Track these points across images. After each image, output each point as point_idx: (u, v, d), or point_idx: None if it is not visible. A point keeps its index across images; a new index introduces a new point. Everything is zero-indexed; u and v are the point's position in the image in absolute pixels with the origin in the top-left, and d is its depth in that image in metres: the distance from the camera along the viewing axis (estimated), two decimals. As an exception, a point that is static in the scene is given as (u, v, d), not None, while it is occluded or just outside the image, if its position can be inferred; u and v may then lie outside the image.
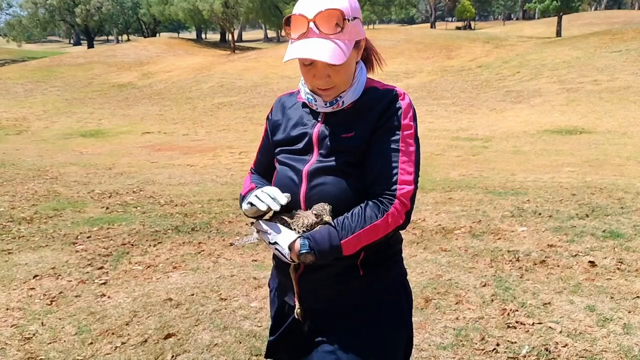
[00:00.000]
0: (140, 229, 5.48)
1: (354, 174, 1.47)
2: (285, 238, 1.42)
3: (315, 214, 1.42)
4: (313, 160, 1.51)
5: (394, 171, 1.43)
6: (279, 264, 1.61)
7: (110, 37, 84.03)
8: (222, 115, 18.71)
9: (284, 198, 1.47)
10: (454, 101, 18.13)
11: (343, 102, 1.50)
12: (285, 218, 1.48)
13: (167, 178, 8.68)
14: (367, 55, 1.60)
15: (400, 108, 1.48)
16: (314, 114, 1.56)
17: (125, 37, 69.79)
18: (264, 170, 1.71)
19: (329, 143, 1.50)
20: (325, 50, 1.39)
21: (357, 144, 1.47)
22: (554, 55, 22.43)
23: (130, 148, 12.78)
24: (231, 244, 1.70)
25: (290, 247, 1.41)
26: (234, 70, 27.53)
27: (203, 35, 66.01)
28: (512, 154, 10.27)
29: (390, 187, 1.42)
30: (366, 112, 1.49)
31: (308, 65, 1.45)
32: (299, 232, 1.42)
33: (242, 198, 1.63)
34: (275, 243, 1.44)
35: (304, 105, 1.60)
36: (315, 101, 1.53)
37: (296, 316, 1.58)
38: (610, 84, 17.06)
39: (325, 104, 1.51)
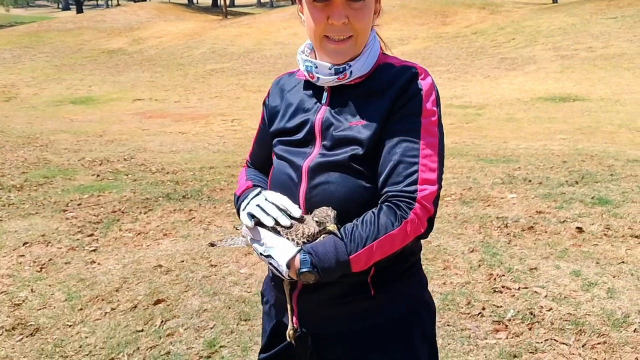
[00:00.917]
0: (131, 197, 5.47)
1: (364, 171, 1.23)
2: (283, 253, 1.17)
3: (317, 222, 1.18)
4: (315, 154, 1.27)
5: (414, 168, 1.19)
6: (274, 277, 1.37)
7: (99, 2, 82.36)
8: (214, 82, 18.50)
9: (297, 210, 1.23)
10: (449, 68, 17.98)
11: (351, 72, 1.25)
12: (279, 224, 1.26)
13: (159, 145, 8.62)
14: None
15: (420, 90, 1.23)
16: (317, 94, 1.32)
17: (114, 1, 68.43)
18: (260, 164, 1.49)
19: (334, 133, 1.25)
20: None
21: (367, 134, 1.22)
22: (549, 21, 22.19)
23: (121, 115, 12.65)
24: (211, 245, 1.44)
25: (289, 264, 1.16)
26: (226, 36, 27.10)
27: (194, 0, 64.79)
28: (505, 122, 10.25)
29: (409, 187, 1.18)
30: (379, 95, 1.25)
31: (321, 3, 1.21)
32: (297, 244, 1.18)
33: (237, 199, 1.39)
34: (270, 257, 1.19)
35: (306, 85, 1.36)
36: (316, 68, 1.27)
37: (288, 338, 1.34)
38: (605, 50, 16.95)
39: (330, 69, 1.25)
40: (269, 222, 1.22)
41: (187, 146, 8.60)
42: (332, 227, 1.16)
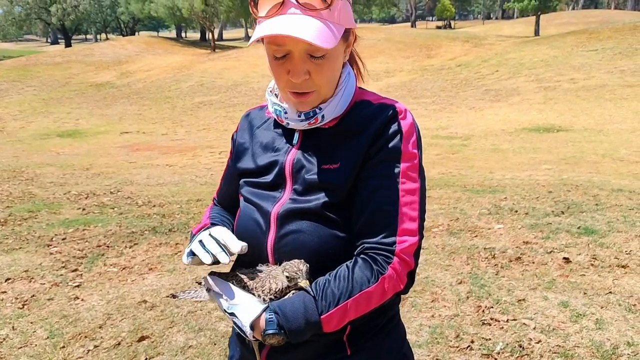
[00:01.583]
0: (116, 230, 5.41)
1: (337, 219, 1.13)
2: (247, 312, 1.06)
3: (287, 277, 1.07)
4: (284, 199, 1.17)
5: (392, 218, 1.09)
6: (240, 334, 1.23)
7: (88, 36, 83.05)
8: (202, 114, 18.58)
9: (237, 245, 1.11)
10: (434, 100, 18.24)
11: (323, 116, 1.16)
12: (245, 277, 1.13)
13: (146, 178, 8.59)
14: (351, 59, 1.26)
15: (400, 131, 1.13)
16: (288, 135, 1.22)
17: (103, 36, 69.05)
18: (227, 203, 1.38)
19: (305, 176, 1.16)
20: (309, 27, 1.03)
21: (342, 179, 1.13)
22: (532, 54, 22.68)
23: (108, 148, 12.63)
24: (173, 297, 1.29)
25: (253, 325, 1.05)
26: (214, 69, 27.36)
27: (183, 34, 65.60)
28: (490, 152, 10.36)
29: (387, 239, 1.09)
30: (355, 136, 1.15)
31: (280, 59, 1.10)
32: (264, 300, 1.08)
33: (192, 238, 1.26)
34: (233, 315, 1.08)
35: (277, 124, 1.26)
36: (286, 113, 1.18)
37: None
38: (587, 82, 17.31)
39: (299, 116, 1.16)
40: (207, 260, 1.11)
41: (174, 179, 8.57)
42: (303, 283, 1.06)
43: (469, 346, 2.99)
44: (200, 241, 1.15)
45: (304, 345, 1.14)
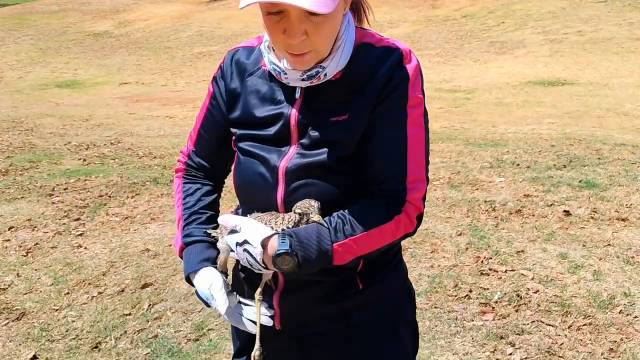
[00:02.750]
0: (117, 181, 5.42)
1: (347, 171, 1.13)
2: (258, 233, 1.05)
3: (299, 213, 1.07)
4: (292, 153, 1.13)
5: (403, 165, 1.10)
6: (250, 275, 1.23)
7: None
8: (202, 65, 18.31)
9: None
10: (438, 52, 17.93)
11: (326, 74, 1.10)
12: (259, 216, 1.12)
13: (146, 130, 8.54)
14: (354, 4, 1.18)
15: (407, 75, 1.10)
16: (289, 87, 1.16)
17: (100, -17, 67.37)
18: (209, 153, 1.30)
19: (313, 130, 1.12)
20: None
21: (351, 131, 1.10)
22: (539, 5, 22.14)
23: (107, 99, 12.51)
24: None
25: (264, 245, 1.04)
26: (213, 19, 26.78)
27: (182, -18, 63.94)
28: (494, 106, 10.26)
29: (399, 185, 1.10)
30: (361, 85, 1.11)
31: (275, 15, 1.01)
32: (276, 231, 1.07)
33: (183, 254, 1.27)
34: (245, 242, 1.05)
35: (272, 74, 1.17)
36: (286, 74, 1.12)
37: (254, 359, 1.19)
38: (594, 34, 16.97)
39: (301, 75, 1.10)
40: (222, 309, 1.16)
41: (174, 130, 8.53)
42: (316, 217, 1.07)
43: (467, 295, 3.03)
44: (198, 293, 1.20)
45: (317, 284, 1.19)
